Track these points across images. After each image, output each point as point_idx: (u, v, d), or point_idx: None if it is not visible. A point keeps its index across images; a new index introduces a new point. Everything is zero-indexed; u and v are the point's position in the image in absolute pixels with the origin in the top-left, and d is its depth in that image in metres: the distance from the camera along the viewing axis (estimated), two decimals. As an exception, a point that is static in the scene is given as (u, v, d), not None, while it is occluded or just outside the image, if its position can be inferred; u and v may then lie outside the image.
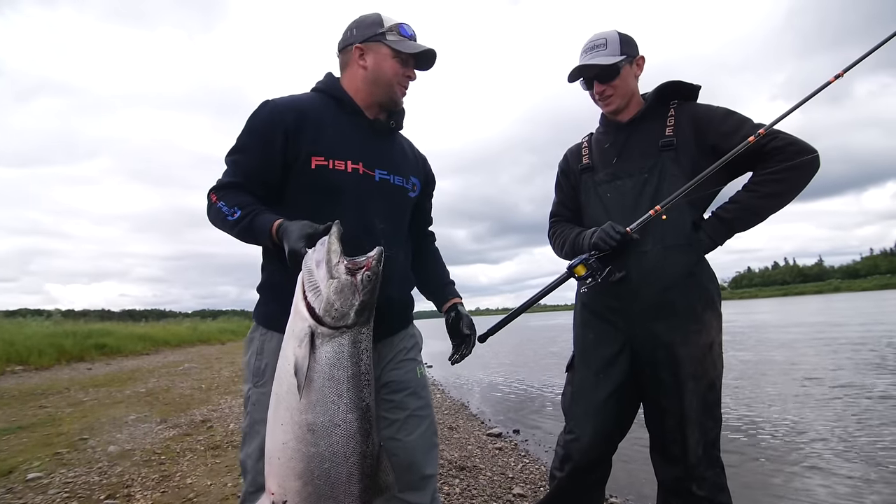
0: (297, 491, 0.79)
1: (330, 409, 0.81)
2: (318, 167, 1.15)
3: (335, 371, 0.82)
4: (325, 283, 0.86)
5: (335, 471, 0.80)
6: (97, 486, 2.72)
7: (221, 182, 1.19)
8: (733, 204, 1.45)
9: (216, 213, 1.16)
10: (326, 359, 0.83)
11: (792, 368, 6.29)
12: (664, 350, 1.39)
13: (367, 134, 1.24)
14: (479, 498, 2.46)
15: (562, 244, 1.65)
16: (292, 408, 0.81)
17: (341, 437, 0.81)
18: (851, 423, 3.66)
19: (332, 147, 1.17)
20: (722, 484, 1.41)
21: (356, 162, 1.18)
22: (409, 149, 1.37)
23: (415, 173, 1.34)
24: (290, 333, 0.86)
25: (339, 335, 0.84)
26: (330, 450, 0.80)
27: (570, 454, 1.47)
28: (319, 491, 0.79)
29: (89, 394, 5.79)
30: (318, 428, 0.80)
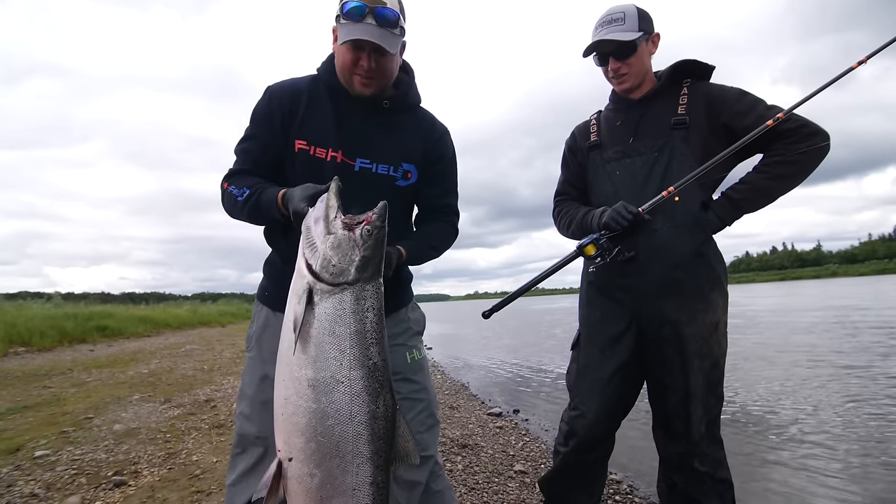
0: (300, 448, 0.79)
1: (331, 366, 0.80)
2: (300, 151, 1.16)
3: (336, 327, 0.81)
4: (321, 238, 0.84)
5: (339, 429, 0.79)
6: (104, 463, 2.76)
7: (232, 170, 1.20)
8: (744, 184, 1.45)
9: (228, 199, 1.17)
10: (326, 315, 0.81)
11: (795, 351, 6.35)
12: (671, 328, 1.40)
13: (355, 118, 1.19)
14: (482, 475, 2.50)
15: (568, 223, 1.64)
16: (291, 363, 0.81)
17: (344, 394, 0.79)
18: (852, 406, 3.71)
19: (316, 132, 1.16)
20: (722, 459, 1.44)
21: (336, 150, 1.16)
22: (412, 131, 1.25)
23: (409, 159, 1.23)
24: (291, 291, 0.86)
25: (339, 292, 0.82)
26: (332, 407, 0.79)
27: (575, 430, 1.49)
28: (323, 449, 0.78)
29: (92, 374, 5.84)
30: (319, 384, 0.79)
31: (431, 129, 1.30)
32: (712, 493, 1.40)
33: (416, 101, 1.30)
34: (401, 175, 1.22)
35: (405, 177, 1.23)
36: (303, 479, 0.79)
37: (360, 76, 1.13)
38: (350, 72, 1.13)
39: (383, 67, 1.13)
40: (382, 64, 1.12)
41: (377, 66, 1.11)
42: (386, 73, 1.14)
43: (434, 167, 1.28)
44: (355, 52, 1.09)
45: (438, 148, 1.30)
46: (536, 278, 1.50)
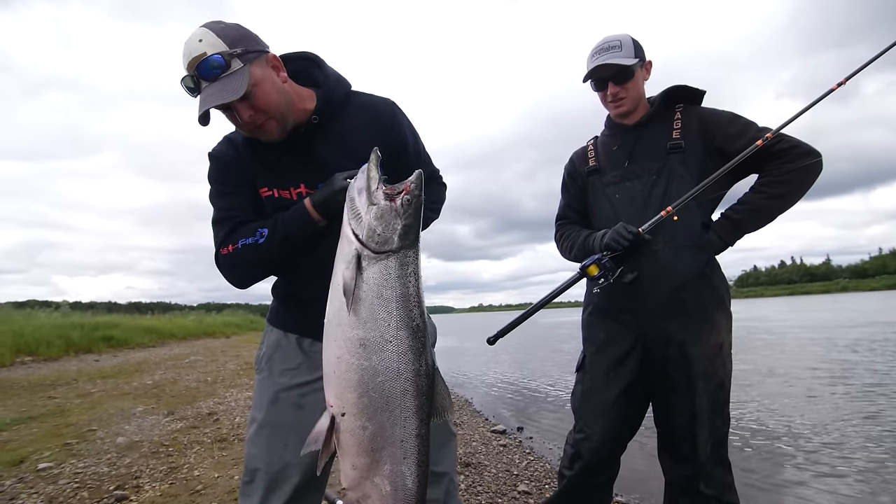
0: (353, 403, 0.84)
1: (380, 326, 0.84)
2: (267, 198, 1.12)
3: (383, 290, 0.85)
4: (365, 209, 0.88)
5: (389, 385, 0.84)
6: (106, 476, 2.75)
7: (225, 233, 1.10)
8: (742, 205, 1.46)
9: (244, 255, 1.07)
10: (374, 279, 0.86)
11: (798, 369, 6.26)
12: (676, 349, 1.39)
13: (296, 150, 1.11)
14: (485, 494, 2.47)
15: (570, 246, 1.65)
16: (343, 324, 0.85)
17: (393, 352, 0.84)
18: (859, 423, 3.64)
19: (272, 178, 1.12)
20: (729, 483, 1.42)
21: (297, 185, 1.11)
22: (357, 128, 1.15)
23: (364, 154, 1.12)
24: (339, 256, 0.88)
25: (385, 258, 0.86)
26: (383, 364, 0.84)
27: (581, 453, 1.48)
28: (375, 403, 0.83)
29: (97, 385, 5.86)
30: (370, 343, 0.84)
31: (377, 116, 1.17)
32: (719, 519, 1.38)
33: (345, 93, 1.16)
34: None
35: None
36: (355, 431, 0.84)
37: (248, 130, 1.05)
38: (246, 132, 1.07)
39: (258, 107, 1.00)
40: (252, 107, 0.99)
41: (251, 110, 1.00)
42: (267, 110, 1.01)
43: (400, 155, 1.18)
44: (225, 113, 1.02)
45: (394, 135, 1.18)
46: (540, 302, 1.49)
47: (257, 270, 1.12)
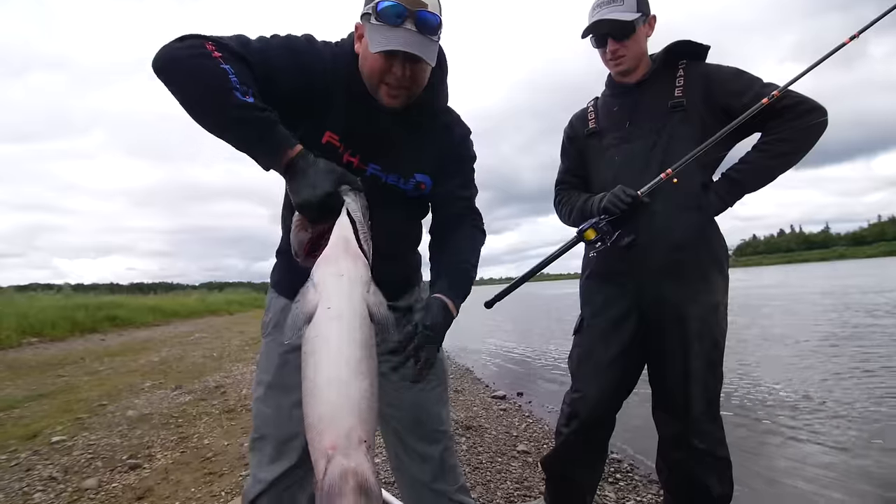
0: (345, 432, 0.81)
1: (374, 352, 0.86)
2: (328, 143, 1.05)
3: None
4: (369, 236, 0.90)
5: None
6: (119, 447, 2.84)
7: (221, 40, 0.91)
8: (744, 164, 1.45)
9: (213, 74, 0.83)
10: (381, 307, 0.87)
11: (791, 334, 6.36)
12: (672, 310, 1.42)
13: (375, 122, 1.08)
14: (486, 454, 2.55)
15: (569, 211, 1.65)
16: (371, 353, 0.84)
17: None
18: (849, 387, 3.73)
19: (343, 130, 1.06)
20: (721, 438, 1.46)
21: (353, 154, 1.07)
22: (431, 138, 1.15)
23: (424, 169, 1.14)
24: (353, 279, 0.85)
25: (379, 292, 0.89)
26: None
27: (577, 411, 1.52)
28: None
29: (104, 363, 5.96)
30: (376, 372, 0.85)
31: (451, 135, 1.19)
32: (711, 471, 1.43)
33: (443, 104, 1.20)
34: (412, 187, 1.15)
35: (417, 188, 1.16)
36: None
37: (390, 87, 1.00)
38: (378, 80, 1.00)
39: (417, 78, 1.00)
40: (416, 74, 0.99)
41: (411, 75, 0.98)
42: (418, 84, 1.02)
43: (451, 166, 1.19)
44: (387, 60, 0.96)
45: (457, 151, 1.20)
46: (538, 266, 1.51)
47: (205, 109, 0.87)
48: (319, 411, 0.79)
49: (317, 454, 0.79)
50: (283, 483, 1.19)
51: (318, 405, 0.80)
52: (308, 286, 0.84)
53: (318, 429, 0.79)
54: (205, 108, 0.87)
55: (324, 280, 0.84)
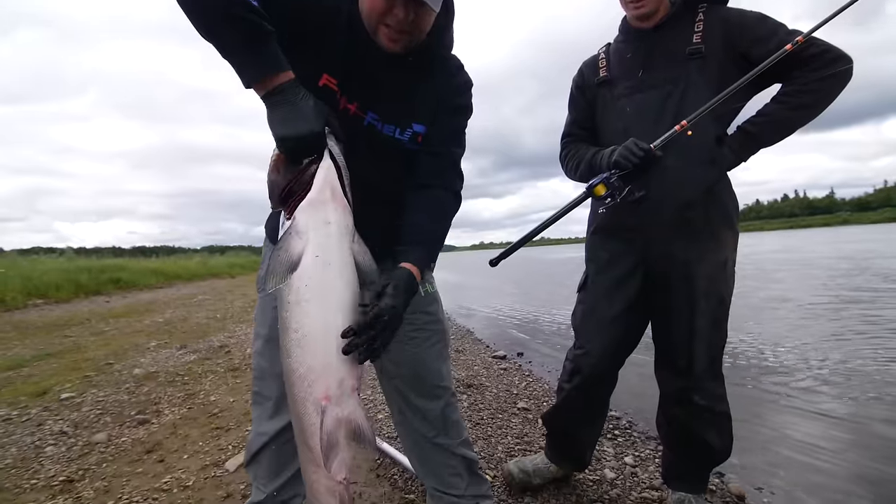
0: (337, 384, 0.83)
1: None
2: (325, 87, 1.00)
3: None
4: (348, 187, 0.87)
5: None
6: (127, 403, 2.90)
7: None
8: (761, 117, 1.38)
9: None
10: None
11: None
12: (680, 267, 1.39)
13: (375, 66, 1.02)
14: (486, 411, 2.60)
15: (576, 165, 1.59)
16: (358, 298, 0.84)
17: None
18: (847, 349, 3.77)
19: (342, 73, 1.00)
20: (722, 394, 1.47)
21: (352, 100, 1.02)
22: (431, 87, 1.10)
23: (421, 118, 1.09)
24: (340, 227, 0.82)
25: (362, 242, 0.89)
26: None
27: (579, 367, 1.52)
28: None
29: (110, 324, 6.03)
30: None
31: (451, 83, 1.14)
32: (711, 427, 1.45)
33: (447, 50, 1.13)
34: (409, 138, 1.09)
35: (414, 140, 1.10)
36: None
37: (390, 29, 0.94)
38: (377, 21, 0.94)
39: (419, 23, 0.94)
40: (419, 19, 0.93)
41: (414, 20, 0.92)
42: (420, 30, 0.96)
43: (444, 115, 1.13)
44: (387, 0, 0.91)
45: (454, 100, 1.14)
46: (543, 223, 1.46)
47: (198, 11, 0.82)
48: (310, 362, 0.77)
49: (308, 406, 0.77)
50: (286, 436, 1.20)
51: (307, 356, 0.78)
52: (290, 233, 0.80)
53: (309, 380, 0.77)
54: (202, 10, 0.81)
55: (310, 227, 0.80)
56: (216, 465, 2.04)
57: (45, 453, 2.20)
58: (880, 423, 2.36)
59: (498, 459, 2.01)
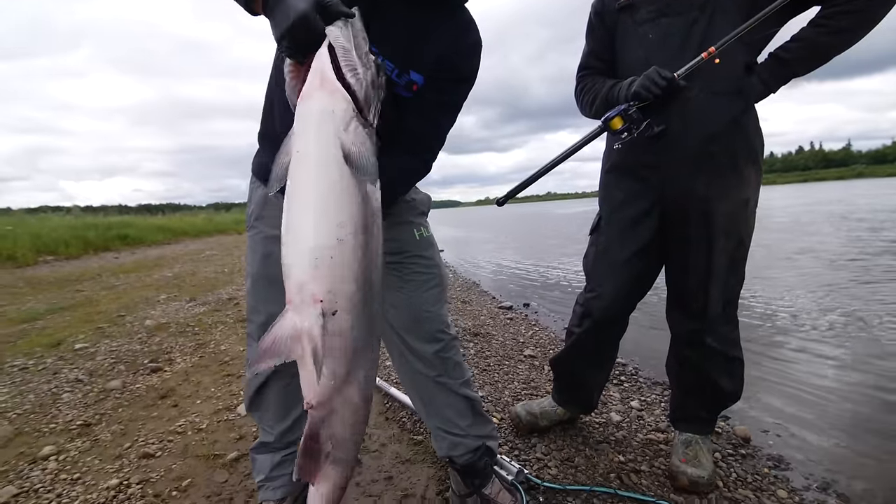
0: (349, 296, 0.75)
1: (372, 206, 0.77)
2: None
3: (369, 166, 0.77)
4: (363, 70, 0.75)
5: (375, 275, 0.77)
6: (140, 352, 2.95)
7: None
8: (796, 42, 1.26)
9: None
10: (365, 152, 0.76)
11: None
12: (699, 205, 1.32)
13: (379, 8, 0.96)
14: (493, 358, 2.62)
15: (591, 100, 1.48)
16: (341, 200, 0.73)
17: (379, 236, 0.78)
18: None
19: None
20: (735, 338, 1.44)
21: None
22: (438, 35, 1.03)
23: (419, 67, 1.02)
24: (323, 114, 0.74)
25: (368, 131, 0.76)
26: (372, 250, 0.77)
27: (590, 311, 1.49)
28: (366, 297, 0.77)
29: (120, 279, 6.10)
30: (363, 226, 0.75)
31: (459, 38, 1.07)
32: (722, 369, 1.43)
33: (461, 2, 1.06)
34: (404, 83, 1.02)
35: (409, 87, 1.03)
36: (345, 332, 0.74)
37: None
38: None
39: None
40: None
41: None
42: None
43: (444, 77, 1.06)
44: None
45: (460, 64, 1.07)
46: (553, 161, 1.38)
47: None
48: (284, 261, 0.75)
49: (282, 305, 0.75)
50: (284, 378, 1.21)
51: (282, 254, 0.75)
52: (290, 132, 0.77)
53: (284, 275, 0.75)
54: None
55: (298, 121, 0.76)
56: (228, 409, 2.08)
57: (62, 399, 2.26)
58: (887, 370, 2.35)
59: (505, 403, 2.03)
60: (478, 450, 1.26)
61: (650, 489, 1.42)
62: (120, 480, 1.56)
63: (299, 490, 1.35)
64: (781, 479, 1.49)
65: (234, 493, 1.48)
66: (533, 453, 1.62)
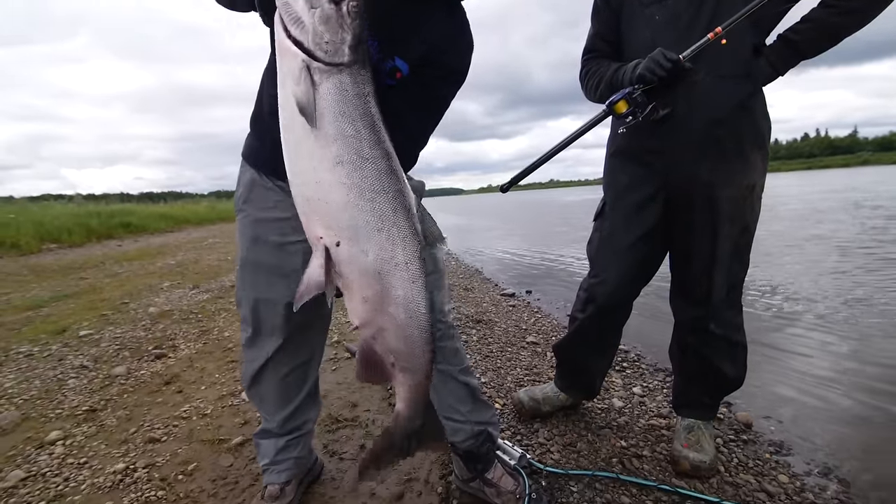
0: (347, 226, 0.77)
1: (351, 143, 0.76)
2: None
3: (344, 107, 0.76)
4: (307, 13, 0.74)
5: (379, 202, 0.78)
6: (144, 339, 2.97)
7: None
8: (806, 23, 1.23)
9: None
10: (331, 94, 0.75)
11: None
12: (704, 190, 1.30)
13: None
14: (496, 345, 2.63)
15: (596, 84, 1.46)
16: (312, 145, 0.77)
17: (372, 170, 0.77)
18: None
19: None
20: (739, 324, 1.43)
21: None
22: (429, 27, 1.01)
23: (405, 54, 0.99)
24: (283, 76, 0.77)
25: (337, 72, 0.75)
26: (366, 182, 0.77)
27: (594, 296, 1.48)
28: (369, 224, 0.78)
29: (123, 267, 6.12)
30: (346, 160, 0.76)
31: (451, 35, 1.05)
32: (725, 355, 1.43)
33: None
34: (388, 69, 0.99)
35: (392, 75, 0.99)
36: (357, 258, 0.78)
37: None
38: None
39: None
40: None
41: None
42: None
43: (431, 72, 1.02)
44: None
45: (447, 57, 1.04)
46: (560, 144, 1.36)
47: None
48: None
49: None
50: (280, 368, 1.21)
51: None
52: None
53: None
54: None
55: None
56: (233, 394, 2.10)
57: (68, 385, 2.28)
58: (890, 358, 2.35)
59: (507, 389, 2.04)
60: (479, 435, 1.26)
61: (652, 474, 1.43)
62: (126, 465, 1.58)
63: (304, 472, 1.36)
64: (783, 465, 1.49)
65: (240, 477, 1.49)
66: (535, 438, 1.63)
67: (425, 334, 0.82)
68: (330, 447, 1.63)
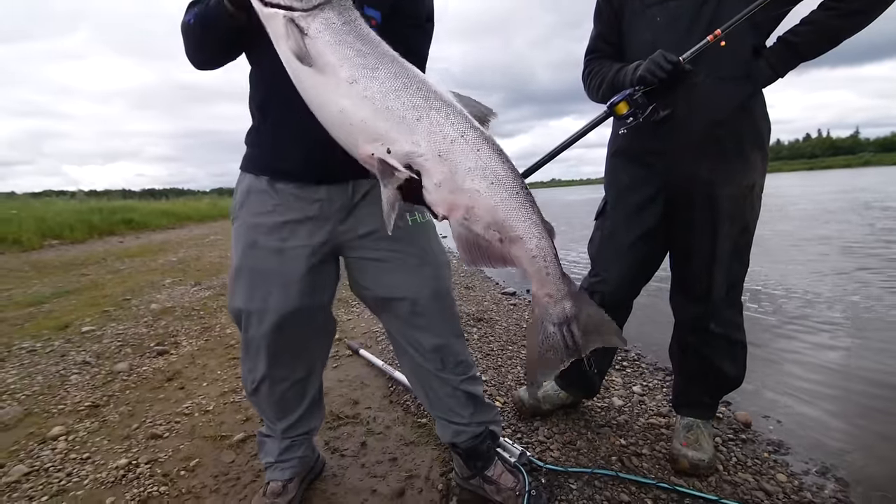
0: (386, 130, 0.77)
1: (356, 61, 0.77)
2: None
3: (337, 36, 0.77)
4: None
5: (405, 98, 0.78)
6: (146, 336, 2.98)
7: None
8: (806, 25, 1.24)
9: (184, 32, 1.00)
10: (321, 32, 0.77)
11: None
12: (704, 189, 1.31)
13: None
14: (497, 343, 2.63)
15: (598, 84, 1.46)
16: (324, 81, 0.78)
17: (386, 74, 0.78)
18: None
19: None
20: (739, 323, 1.44)
21: None
22: None
23: (375, 5, 1.01)
24: (276, 41, 0.80)
25: (319, 12, 0.77)
26: (385, 85, 0.77)
27: (595, 294, 1.49)
28: (405, 119, 0.77)
29: (125, 263, 6.13)
30: (358, 77, 0.77)
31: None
32: (725, 354, 1.44)
33: None
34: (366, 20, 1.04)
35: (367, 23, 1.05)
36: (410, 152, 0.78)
37: None
38: None
39: None
40: None
41: None
42: None
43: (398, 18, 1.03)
44: None
45: (414, 7, 1.06)
46: (562, 144, 1.37)
47: (191, 51, 1.02)
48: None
49: None
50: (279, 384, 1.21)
51: None
52: None
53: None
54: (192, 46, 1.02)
55: None
56: (234, 391, 2.11)
57: (70, 381, 2.29)
58: (889, 358, 2.35)
59: (508, 387, 2.05)
60: (480, 434, 1.27)
61: (651, 472, 1.44)
62: (129, 460, 1.59)
63: (307, 470, 1.37)
64: (781, 464, 1.50)
65: (242, 473, 1.51)
66: (535, 436, 1.64)
67: (517, 194, 0.79)
68: (331, 444, 1.65)
